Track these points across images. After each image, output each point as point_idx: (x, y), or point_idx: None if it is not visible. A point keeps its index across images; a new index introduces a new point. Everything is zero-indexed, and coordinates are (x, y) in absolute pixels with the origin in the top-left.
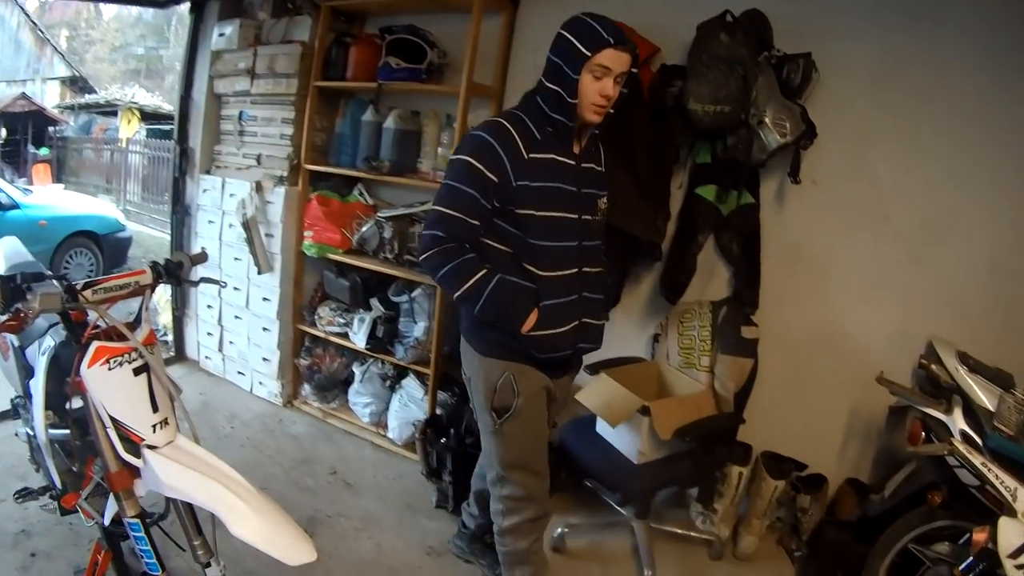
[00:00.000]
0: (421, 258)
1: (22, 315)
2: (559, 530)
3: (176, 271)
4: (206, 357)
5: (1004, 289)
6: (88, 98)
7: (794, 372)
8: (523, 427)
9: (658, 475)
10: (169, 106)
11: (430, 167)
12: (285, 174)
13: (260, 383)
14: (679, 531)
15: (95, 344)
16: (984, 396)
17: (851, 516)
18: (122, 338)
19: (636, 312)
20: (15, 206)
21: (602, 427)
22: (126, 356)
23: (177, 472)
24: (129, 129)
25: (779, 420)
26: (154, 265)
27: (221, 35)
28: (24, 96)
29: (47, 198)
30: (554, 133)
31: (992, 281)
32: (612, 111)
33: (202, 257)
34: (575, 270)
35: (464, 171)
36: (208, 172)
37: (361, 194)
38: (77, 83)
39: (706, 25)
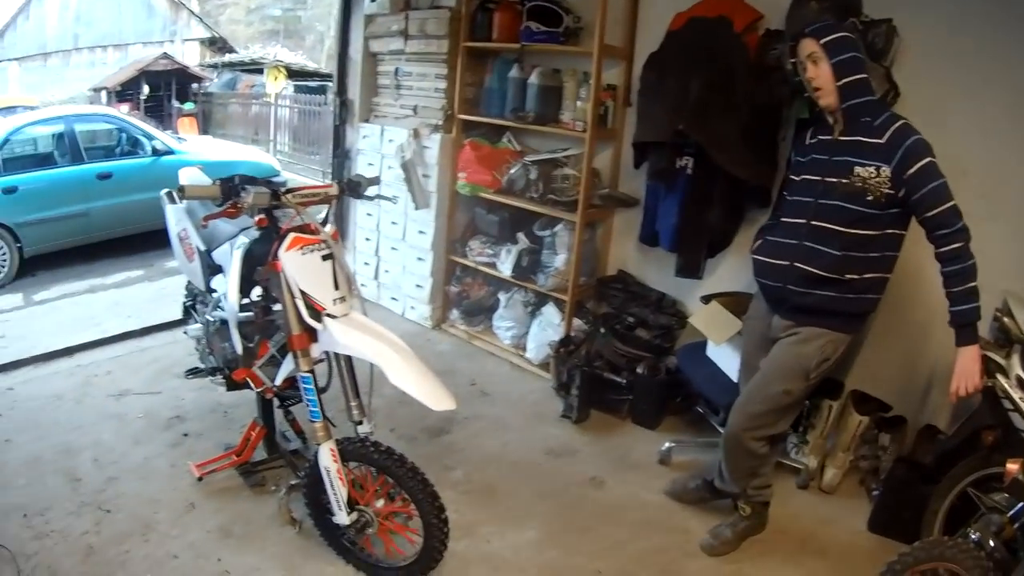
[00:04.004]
0: None
1: (239, 206)
2: (667, 444)
3: (356, 188)
4: (362, 285)
5: None
6: (230, 57)
7: (889, 319)
8: None
9: None
10: (313, 64)
11: (570, 118)
12: (440, 123)
13: (412, 307)
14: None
15: (292, 235)
16: None
17: (925, 459)
18: (313, 233)
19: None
20: (170, 152)
21: (711, 350)
22: (316, 246)
23: (349, 334)
24: (276, 85)
25: (872, 362)
26: (339, 180)
27: (373, 0)
28: (166, 56)
29: (199, 146)
30: (823, 120)
31: None
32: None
33: (375, 180)
34: (803, 220)
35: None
36: (367, 121)
37: (509, 141)
38: (216, 43)
39: None
